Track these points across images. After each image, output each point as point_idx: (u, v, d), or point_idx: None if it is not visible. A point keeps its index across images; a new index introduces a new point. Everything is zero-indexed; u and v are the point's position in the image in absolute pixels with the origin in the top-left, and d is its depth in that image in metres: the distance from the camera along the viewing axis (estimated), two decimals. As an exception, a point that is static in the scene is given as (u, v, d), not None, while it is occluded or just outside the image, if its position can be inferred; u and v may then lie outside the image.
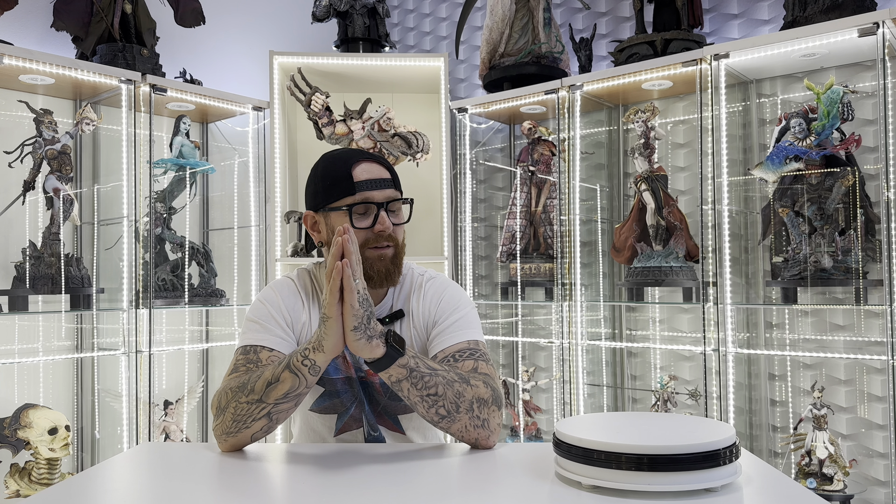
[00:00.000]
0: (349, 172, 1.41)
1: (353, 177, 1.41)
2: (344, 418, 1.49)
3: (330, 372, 1.46)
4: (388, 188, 1.45)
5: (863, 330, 2.52)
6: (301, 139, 3.33)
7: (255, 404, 1.27)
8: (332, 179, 1.43)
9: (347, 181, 1.41)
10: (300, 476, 1.20)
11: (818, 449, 2.32)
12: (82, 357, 2.89)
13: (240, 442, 1.31)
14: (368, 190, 1.41)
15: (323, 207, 1.45)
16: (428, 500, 1.04)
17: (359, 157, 1.45)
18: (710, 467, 0.99)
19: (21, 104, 2.59)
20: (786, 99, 2.69)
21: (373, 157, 1.47)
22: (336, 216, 1.43)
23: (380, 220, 1.42)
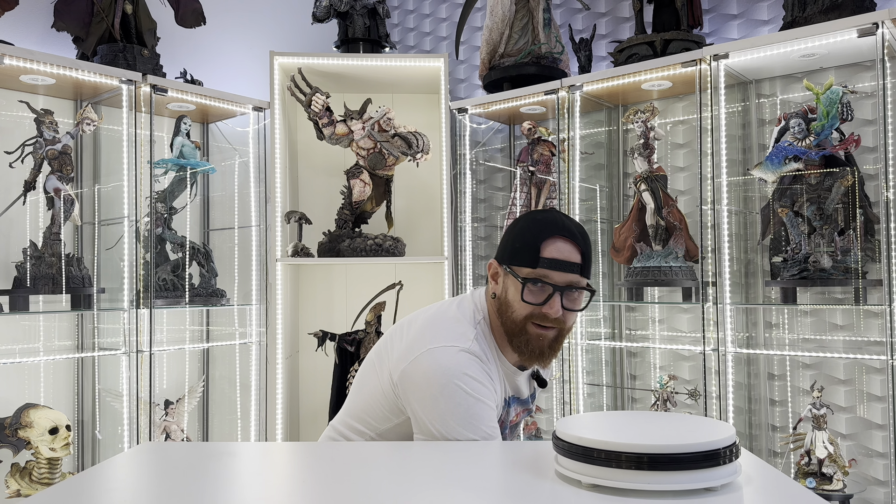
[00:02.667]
0: (538, 245, 1.37)
1: (540, 251, 1.37)
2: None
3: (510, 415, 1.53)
4: (572, 272, 1.37)
5: (862, 330, 2.52)
6: (301, 139, 3.33)
7: None
8: (522, 244, 1.39)
9: (534, 253, 1.37)
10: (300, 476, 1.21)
11: (818, 448, 2.33)
12: (83, 357, 2.89)
13: None
14: (550, 269, 1.36)
15: (507, 266, 1.42)
16: (428, 498, 1.04)
17: (555, 231, 1.38)
18: (710, 467, 0.99)
19: (22, 104, 2.60)
20: (785, 99, 2.69)
21: (573, 236, 1.39)
22: (512, 280, 1.40)
23: (551, 303, 1.37)
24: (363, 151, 2.94)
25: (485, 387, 1.37)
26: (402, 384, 1.39)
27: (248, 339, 3.17)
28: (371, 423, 1.50)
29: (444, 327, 1.41)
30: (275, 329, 3.03)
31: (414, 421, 1.40)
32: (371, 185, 2.97)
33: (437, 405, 1.34)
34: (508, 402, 1.51)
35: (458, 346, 1.37)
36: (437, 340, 1.37)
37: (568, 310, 1.39)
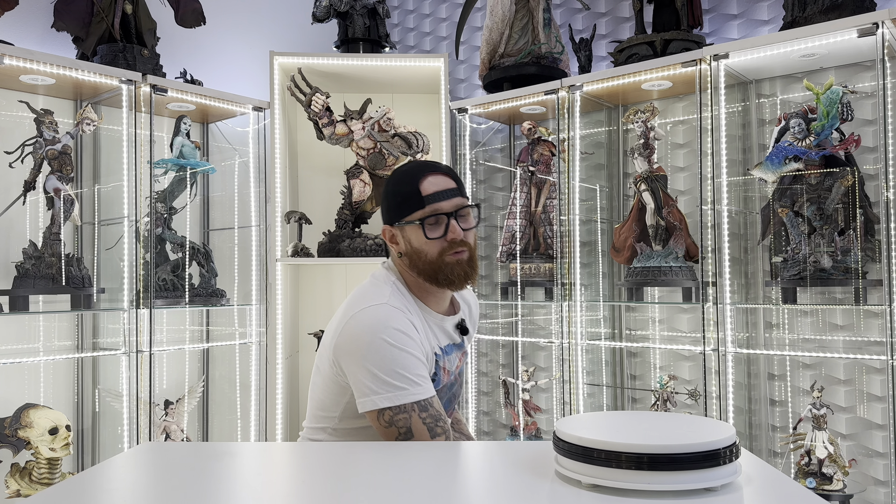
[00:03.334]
0: (417, 188, 1.49)
1: (420, 191, 1.49)
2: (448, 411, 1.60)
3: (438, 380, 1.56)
4: (455, 197, 1.51)
5: (862, 330, 2.52)
6: (301, 139, 3.33)
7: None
8: (403, 196, 1.51)
9: (416, 196, 1.49)
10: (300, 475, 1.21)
11: (818, 449, 2.33)
12: (83, 357, 2.89)
13: None
14: (437, 202, 1.49)
15: (398, 222, 1.53)
16: (428, 498, 1.04)
17: (425, 170, 1.52)
18: (710, 467, 0.99)
19: (22, 104, 2.60)
20: (785, 99, 2.69)
21: (438, 168, 1.53)
22: (410, 229, 1.52)
23: (451, 228, 1.50)
24: (363, 151, 2.94)
25: (409, 337, 1.45)
26: (337, 355, 1.46)
27: (247, 339, 3.17)
28: (326, 415, 1.56)
29: (362, 294, 1.52)
30: (275, 329, 3.03)
31: (353, 388, 1.45)
32: (371, 185, 2.97)
33: (366, 362, 1.41)
34: (445, 350, 1.59)
35: (377, 302, 1.47)
36: (358, 305, 1.47)
37: (466, 229, 1.53)
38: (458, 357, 1.63)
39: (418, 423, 1.39)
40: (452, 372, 1.60)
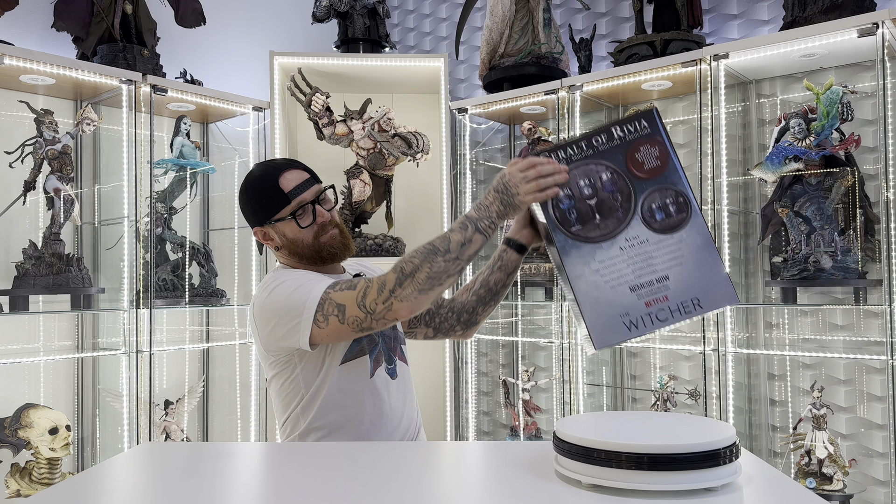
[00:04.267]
0: (277, 187, 1.60)
1: (283, 189, 1.60)
2: (373, 356, 1.63)
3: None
4: (312, 185, 1.63)
5: (862, 330, 2.52)
6: (301, 139, 3.33)
7: (452, 262, 1.46)
8: (267, 197, 1.61)
9: (279, 195, 1.60)
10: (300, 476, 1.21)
11: (818, 449, 2.33)
12: (83, 357, 2.89)
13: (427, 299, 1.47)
14: (300, 194, 1.61)
15: (268, 221, 1.63)
16: (428, 498, 1.04)
17: (279, 170, 1.62)
18: (710, 467, 0.99)
19: (22, 104, 2.60)
20: (785, 99, 2.69)
21: (289, 164, 1.65)
22: (283, 224, 1.62)
23: (318, 213, 1.63)
24: (363, 151, 2.94)
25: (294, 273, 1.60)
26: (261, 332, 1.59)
27: (247, 339, 3.17)
28: (282, 404, 1.65)
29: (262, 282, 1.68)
30: (275, 329, 3.02)
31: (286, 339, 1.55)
32: (371, 185, 2.97)
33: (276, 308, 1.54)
34: None
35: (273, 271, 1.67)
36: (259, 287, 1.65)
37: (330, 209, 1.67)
38: None
39: (339, 296, 1.49)
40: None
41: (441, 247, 1.46)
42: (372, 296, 1.47)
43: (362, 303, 1.48)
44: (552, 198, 1.39)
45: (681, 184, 1.36)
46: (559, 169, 1.39)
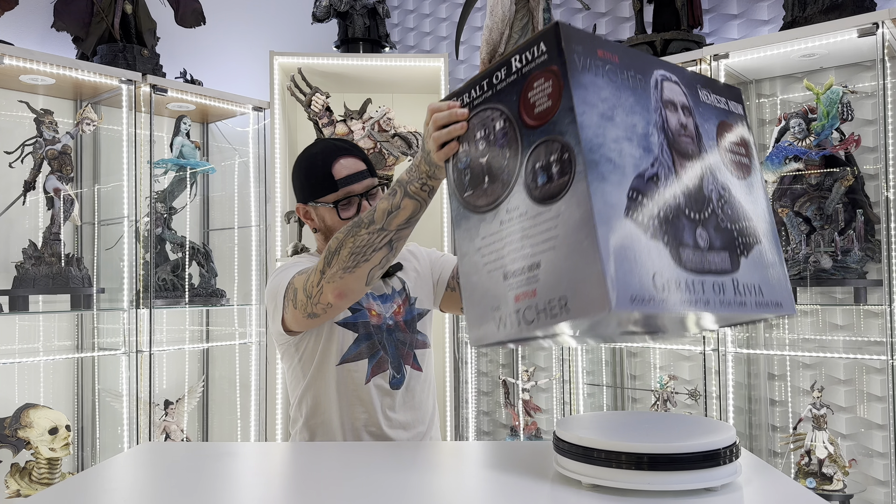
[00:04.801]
0: (329, 171, 1.54)
1: (333, 175, 1.54)
2: (374, 361, 1.57)
3: (363, 316, 1.57)
4: (366, 178, 1.56)
5: (862, 330, 2.52)
6: (301, 139, 3.33)
7: (377, 233, 1.30)
8: (315, 178, 1.56)
9: (329, 180, 1.54)
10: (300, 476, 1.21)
11: (818, 449, 2.33)
12: (83, 357, 2.89)
13: (355, 279, 1.33)
14: (349, 185, 1.54)
15: (312, 202, 1.58)
16: (428, 498, 1.04)
17: (336, 153, 1.56)
18: (710, 467, 0.99)
19: (21, 104, 2.60)
20: (785, 99, 2.69)
21: (348, 150, 1.58)
22: (324, 209, 1.58)
23: (363, 209, 1.55)
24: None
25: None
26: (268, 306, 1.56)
27: (247, 339, 3.17)
28: (290, 390, 1.64)
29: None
30: (275, 329, 3.02)
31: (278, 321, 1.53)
32: (371, 185, 2.97)
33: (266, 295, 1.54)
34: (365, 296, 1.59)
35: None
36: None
37: None
38: (395, 304, 1.62)
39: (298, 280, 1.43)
40: (386, 317, 1.60)
41: (366, 218, 1.31)
42: (312, 278, 1.38)
43: (306, 286, 1.40)
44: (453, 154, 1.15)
45: (570, 133, 0.97)
46: (455, 116, 1.15)
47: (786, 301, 1.13)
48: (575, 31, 1.01)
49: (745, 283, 1.08)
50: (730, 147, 1.16)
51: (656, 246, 0.98)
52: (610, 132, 0.99)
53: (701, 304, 1.00)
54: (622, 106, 1.02)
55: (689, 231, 1.03)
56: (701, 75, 1.18)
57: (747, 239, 1.11)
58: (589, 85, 0.99)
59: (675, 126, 1.08)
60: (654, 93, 1.08)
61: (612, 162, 0.97)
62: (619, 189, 0.96)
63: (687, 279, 1.00)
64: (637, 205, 0.98)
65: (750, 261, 1.10)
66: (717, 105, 1.18)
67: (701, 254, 1.04)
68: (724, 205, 1.10)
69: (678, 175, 1.05)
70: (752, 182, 1.17)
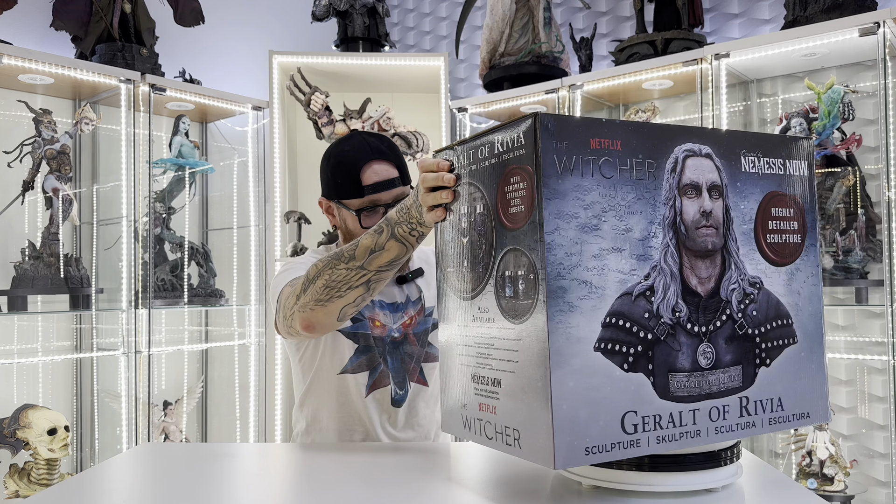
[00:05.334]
0: (358, 176, 1.45)
1: (361, 180, 1.45)
2: (375, 375, 1.50)
3: (363, 327, 1.51)
4: (395, 187, 1.46)
5: (863, 330, 2.52)
6: (301, 139, 3.33)
7: (355, 271, 1.23)
8: (343, 178, 1.47)
9: (356, 185, 1.45)
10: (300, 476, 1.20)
11: (819, 449, 2.32)
12: (81, 357, 2.88)
13: (327, 314, 1.26)
14: (376, 193, 1.45)
15: (335, 200, 1.51)
16: (428, 498, 1.03)
17: (367, 157, 1.46)
18: (711, 467, 0.98)
19: (20, 104, 2.59)
20: (786, 98, 2.69)
21: (382, 154, 1.47)
22: (346, 212, 1.50)
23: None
24: (363, 151, 2.93)
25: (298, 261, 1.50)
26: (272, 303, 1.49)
27: (246, 339, 3.17)
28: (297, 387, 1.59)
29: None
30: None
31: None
32: (371, 185, 2.96)
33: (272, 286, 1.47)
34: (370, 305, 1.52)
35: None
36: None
37: None
38: (404, 316, 1.54)
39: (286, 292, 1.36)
40: (392, 329, 1.52)
41: (347, 252, 1.23)
42: (290, 300, 1.31)
43: (285, 305, 1.33)
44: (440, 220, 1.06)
45: (537, 252, 0.85)
46: (441, 181, 1.04)
47: (816, 410, 1.03)
48: (561, 121, 0.87)
49: (758, 399, 0.97)
50: (776, 226, 1.00)
51: (636, 378, 0.89)
52: (590, 247, 0.87)
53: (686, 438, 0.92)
54: (616, 208, 0.88)
55: (688, 351, 0.92)
56: (754, 134, 1.01)
57: (776, 343, 0.98)
58: (569, 192, 0.86)
59: (694, 217, 0.94)
60: (668, 178, 0.92)
61: (589, 284, 0.86)
62: (592, 318, 0.86)
63: (673, 411, 0.91)
64: (615, 333, 0.87)
65: (773, 370, 0.98)
66: (767, 172, 0.99)
67: (699, 377, 0.93)
68: (748, 306, 0.97)
69: (685, 281, 0.93)
70: (800, 266, 1.02)
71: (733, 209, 0.97)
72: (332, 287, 1.24)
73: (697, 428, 0.93)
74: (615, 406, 0.87)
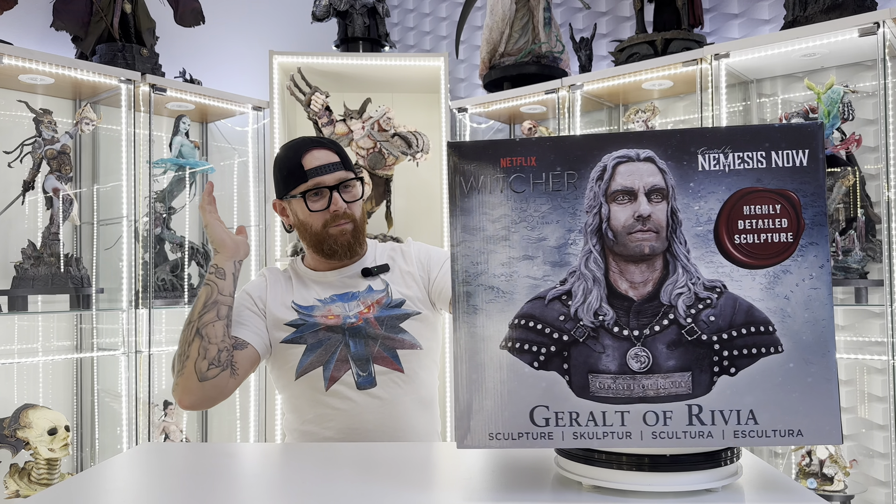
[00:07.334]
0: (300, 162, 1.53)
1: (303, 165, 1.53)
2: (329, 367, 1.53)
3: (316, 323, 1.55)
4: (337, 171, 1.55)
5: (863, 330, 2.52)
6: (301, 139, 3.33)
7: (186, 329, 1.41)
8: (287, 170, 1.56)
9: (299, 170, 1.53)
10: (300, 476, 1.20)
11: (818, 449, 2.32)
12: (82, 357, 2.88)
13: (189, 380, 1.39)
14: (319, 175, 1.53)
15: (285, 196, 1.58)
16: (427, 499, 1.03)
17: (308, 145, 1.56)
18: (711, 467, 0.98)
19: (21, 104, 2.59)
20: (786, 99, 2.69)
21: (322, 143, 1.57)
22: (296, 202, 1.57)
23: (333, 201, 1.53)
24: (363, 151, 2.94)
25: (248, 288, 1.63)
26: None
27: (247, 339, 3.17)
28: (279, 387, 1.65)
29: None
30: (274, 329, 3.02)
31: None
32: (371, 185, 2.97)
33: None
34: (325, 301, 1.60)
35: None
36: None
37: (350, 202, 1.57)
38: (360, 304, 1.59)
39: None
40: (348, 316, 1.57)
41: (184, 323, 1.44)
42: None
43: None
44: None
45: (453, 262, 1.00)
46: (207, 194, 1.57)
47: (815, 429, 0.93)
48: (469, 148, 0.97)
49: (717, 409, 0.94)
50: (750, 225, 0.94)
51: (548, 376, 0.94)
52: (498, 256, 0.94)
53: (613, 438, 0.94)
54: (529, 219, 0.94)
55: (615, 353, 0.94)
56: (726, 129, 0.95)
57: (746, 351, 0.93)
58: (474, 209, 0.96)
59: (625, 222, 0.94)
60: (593, 187, 0.94)
61: (495, 289, 0.94)
62: (499, 319, 0.94)
63: (594, 410, 0.93)
64: (524, 333, 0.94)
65: (741, 380, 0.93)
66: (737, 168, 0.93)
67: (629, 379, 0.94)
68: (701, 311, 0.93)
69: (612, 286, 0.94)
70: (789, 268, 0.94)
71: (683, 211, 0.94)
72: (181, 354, 1.40)
73: (627, 430, 0.94)
74: (522, 400, 0.94)
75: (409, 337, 1.57)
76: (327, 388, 1.53)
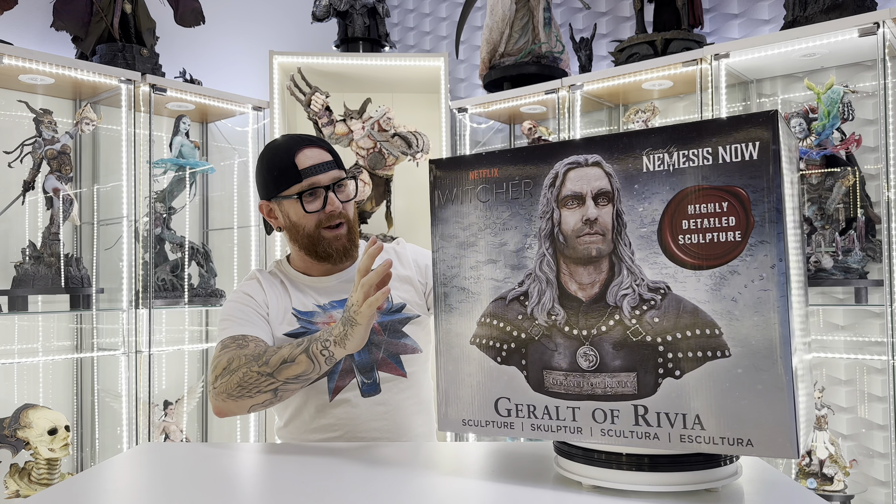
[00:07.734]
0: (293, 161, 1.48)
1: (297, 165, 1.48)
2: (334, 378, 1.50)
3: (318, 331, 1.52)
4: (332, 170, 1.50)
5: (863, 330, 2.52)
6: (301, 139, 3.33)
7: (265, 377, 1.32)
8: (279, 170, 1.49)
9: (293, 170, 1.48)
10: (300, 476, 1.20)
11: (818, 449, 2.32)
12: (82, 357, 2.88)
13: (237, 407, 1.35)
14: (314, 175, 1.48)
15: (275, 196, 1.52)
16: (427, 499, 1.03)
17: (300, 144, 1.51)
18: (711, 467, 0.98)
19: (21, 104, 2.59)
20: (786, 99, 2.69)
21: (312, 141, 1.53)
22: (288, 203, 1.51)
23: (329, 201, 1.49)
24: (363, 151, 2.94)
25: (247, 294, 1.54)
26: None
27: (247, 339, 3.17)
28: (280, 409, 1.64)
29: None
30: (274, 329, 3.02)
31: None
32: (371, 185, 2.97)
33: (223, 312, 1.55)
34: (326, 307, 1.56)
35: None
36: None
37: (345, 201, 1.52)
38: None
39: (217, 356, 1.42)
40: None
41: (265, 356, 1.32)
42: (213, 374, 1.39)
43: (211, 372, 1.40)
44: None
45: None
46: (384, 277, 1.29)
47: (767, 441, 0.87)
48: (445, 163, 1.07)
49: (662, 412, 0.92)
50: (695, 225, 0.90)
51: (509, 370, 1.02)
52: (468, 260, 1.04)
53: (566, 433, 0.99)
54: (492, 226, 1.02)
55: (566, 352, 0.97)
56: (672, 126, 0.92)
57: (690, 354, 0.90)
58: (450, 218, 1.06)
59: (574, 226, 0.96)
60: (546, 193, 0.98)
61: (466, 290, 1.04)
62: (469, 317, 1.04)
63: (549, 404, 0.99)
64: (488, 330, 1.03)
65: (686, 383, 0.90)
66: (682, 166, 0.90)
67: (579, 377, 0.96)
68: (645, 312, 0.92)
69: (563, 287, 0.97)
70: (737, 269, 0.88)
71: (628, 213, 0.93)
72: (244, 386, 1.33)
73: (578, 425, 0.98)
74: (488, 391, 1.04)
75: (411, 341, 1.56)
76: (332, 398, 1.50)
